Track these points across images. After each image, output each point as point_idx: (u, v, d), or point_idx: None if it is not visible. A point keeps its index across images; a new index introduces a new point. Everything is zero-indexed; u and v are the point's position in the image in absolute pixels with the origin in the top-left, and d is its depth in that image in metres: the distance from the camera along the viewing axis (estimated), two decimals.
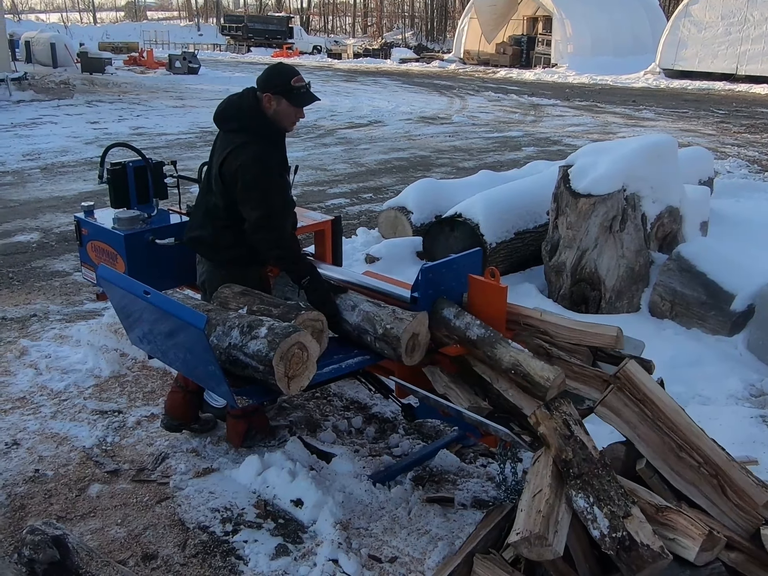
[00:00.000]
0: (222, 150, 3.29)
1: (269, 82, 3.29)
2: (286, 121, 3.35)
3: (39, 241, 7.17)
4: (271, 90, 3.26)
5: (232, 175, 3.20)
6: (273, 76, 3.31)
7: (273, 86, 3.27)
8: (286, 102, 3.28)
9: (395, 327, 2.98)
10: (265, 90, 3.28)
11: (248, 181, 3.18)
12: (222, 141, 3.36)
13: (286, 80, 3.27)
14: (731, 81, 26.80)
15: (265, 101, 3.28)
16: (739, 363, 4.47)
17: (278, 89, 3.26)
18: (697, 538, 2.16)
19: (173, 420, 3.65)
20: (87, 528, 3.03)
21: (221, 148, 3.32)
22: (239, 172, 3.18)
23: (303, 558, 2.87)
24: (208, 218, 3.41)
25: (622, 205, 4.96)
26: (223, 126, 3.38)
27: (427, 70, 35.40)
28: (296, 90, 3.28)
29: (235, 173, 3.19)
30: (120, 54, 34.66)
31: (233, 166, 3.20)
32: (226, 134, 3.35)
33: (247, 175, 3.18)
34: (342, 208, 8.75)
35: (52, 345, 4.72)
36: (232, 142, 3.25)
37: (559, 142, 13.85)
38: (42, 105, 17.74)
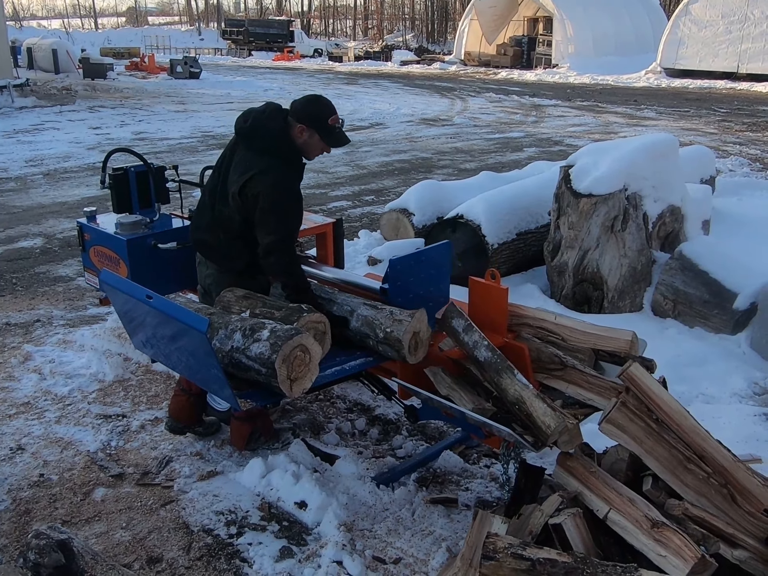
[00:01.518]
0: (244, 169, 3.24)
1: (307, 114, 3.27)
2: (312, 153, 3.36)
3: (42, 246, 7.19)
4: (306, 122, 3.25)
5: (255, 197, 3.18)
6: (312, 109, 3.30)
7: (310, 119, 3.26)
8: (319, 138, 3.29)
9: (395, 330, 2.99)
10: (300, 120, 3.26)
11: (268, 206, 3.16)
12: (243, 157, 3.29)
13: (324, 118, 3.27)
14: (732, 79, 26.78)
15: (297, 131, 3.26)
16: (743, 361, 4.47)
17: (314, 124, 3.26)
18: (688, 560, 2.15)
19: (177, 423, 3.66)
20: (92, 532, 3.04)
21: (243, 165, 3.26)
22: (261, 196, 3.17)
23: (307, 560, 2.87)
24: (219, 227, 3.38)
25: (624, 204, 4.96)
26: (248, 143, 3.31)
27: (428, 71, 35.42)
28: (331, 129, 3.30)
29: (257, 196, 3.17)
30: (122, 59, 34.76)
31: (256, 189, 3.17)
32: (249, 152, 3.28)
33: (268, 200, 3.16)
34: (344, 210, 8.76)
35: (56, 350, 4.73)
36: (256, 165, 3.21)
37: (561, 143, 13.85)
38: (44, 111, 17.79)
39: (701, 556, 2.16)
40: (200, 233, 3.51)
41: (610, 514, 2.40)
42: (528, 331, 3.20)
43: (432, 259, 3.36)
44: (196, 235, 3.54)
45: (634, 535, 2.31)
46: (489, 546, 2.25)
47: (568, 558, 2.18)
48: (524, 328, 3.22)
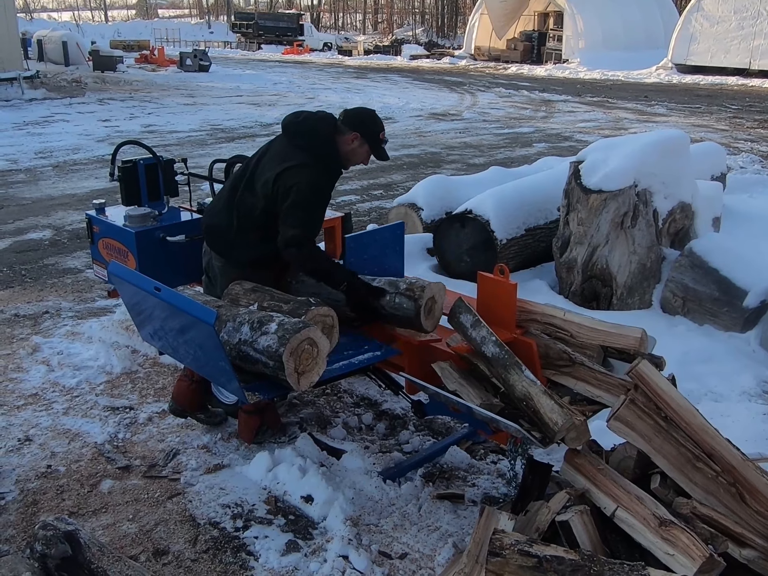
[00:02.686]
0: (283, 159, 3.30)
1: (363, 125, 3.40)
2: (354, 161, 3.48)
3: (51, 238, 7.21)
4: (361, 131, 3.37)
5: (287, 189, 3.23)
6: (369, 121, 3.43)
7: (365, 130, 3.38)
8: (368, 148, 3.42)
9: (418, 281, 3.17)
10: (355, 129, 3.37)
11: (298, 200, 3.22)
12: (284, 149, 3.37)
13: (378, 131, 3.42)
14: (744, 76, 26.61)
15: (350, 138, 3.37)
16: (752, 359, 4.44)
17: (368, 136, 3.39)
18: (696, 559, 2.14)
19: (177, 405, 3.68)
20: (99, 523, 3.05)
21: (282, 156, 3.33)
22: (294, 188, 3.22)
23: (313, 554, 2.88)
24: (237, 212, 3.40)
25: (634, 200, 4.93)
26: (293, 139, 3.39)
27: (437, 66, 35.33)
28: (381, 143, 3.45)
29: (290, 188, 3.22)
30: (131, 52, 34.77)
31: (292, 180, 3.23)
32: (291, 146, 3.36)
33: (301, 194, 3.22)
34: (352, 204, 8.75)
35: (64, 342, 4.74)
36: (294, 158, 3.29)
37: (571, 138, 13.79)
38: (54, 103, 17.83)
39: (709, 555, 2.15)
40: (213, 218, 3.52)
41: (618, 512, 2.39)
42: (536, 327, 3.19)
43: (386, 238, 3.53)
44: (208, 220, 3.55)
45: (642, 534, 2.30)
46: (495, 542, 2.24)
47: (575, 555, 2.17)
48: (533, 324, 3.21)
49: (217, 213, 3.50)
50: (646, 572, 2.09)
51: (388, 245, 3.70)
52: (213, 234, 3.51)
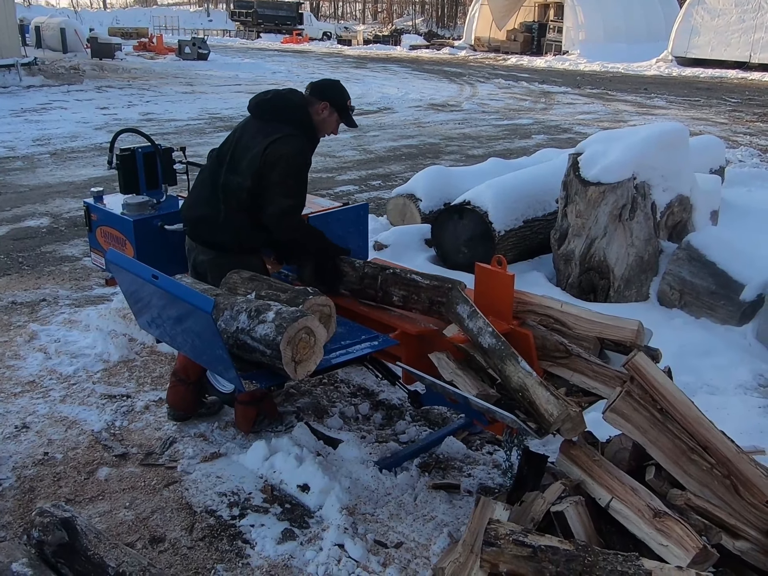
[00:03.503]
0: (267, 134, 3.35)
1: (331, 95, 3.51)
2: (325, 130, 3.58)
3: (49, 226, 7.19)
4: (329, 101, 3.47)
5: (275, 161, 3.29)
6: (335, 91, 3.55)
7: (333, 99, 3.50)
8: (337, 117, 3.53)
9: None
10: (323, 98, 3.47)
11: (291, 169, 3.34)
12: (263, 127, 3.41)
13: (345, 99, 3.54)
14: (744, 69, 26.57)
15: (320, 108, 3.47)
16: (748, 353, 4.45)
17: (337, 103, 3.50)
18: (690, 550, 2.16)
19: (178, 411, 3.68)
20: (95, 511, 3.05)
21: (264, 133, 3.37)
22: (283, 160, 3.30)
23: (309, 542, 2.89)
24: (223, 198, 3.42)
25: (632, 193, 4.93)
26: (268, 115, 3.45)
27: (437, 56, 35.23)
28: (349, 111, 3.57)
29: (278, 159, 3.30)
30: (130, 39, 34.64)
31: (280, 151, 3.30)
32: (270, 122, 3.41)
33: (289, 164, 3.33)
34: (351, 195, 8.74)
35: (61, 329, 4.74)
36: (279, 130, 3.35)
37: (570, 130, 13.77)
38: (52, 90, 17.76)
39: (703, 546, 2.16)
40: (196, 210, 3.53)
41: (612, 503, 2.40)
42: (533, 318, 3.19)
43: (350, 218, 3.68)
44: (191, 213, 3.56)
45: (636, 525, 2.31)
46: (491, 532, 2.25)
47: (569, 546, 2.19)
48: (530, 315, 3.21)
49: (200, 204, 3.51)
50: (639, 563, 2.11)
51: (352, 225, 3.91)
52: (199, 225, 3.52)
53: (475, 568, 2.31)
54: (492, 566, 2.23)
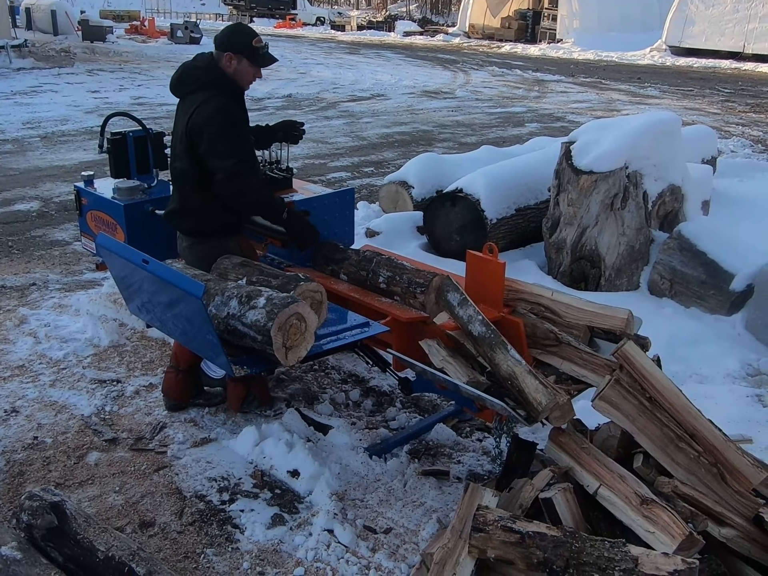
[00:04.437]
0: (187, 111, 3.30)
1: (230, 42, 3.34)
2: (244, 80, 3.42)
3: (39, 210, 7.15)
4: (232, 49, 3.32)
5: (200, 129, 3.23)
6: (234, 35, 3.37)
7: (234, 46, 3.33)
8: (247, 62, 3.36)
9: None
10: (226, 49, 3.32)
11: (216, 131, 3.22)
12: (184, 105, 3.38)
13: (248, 40, 3.34)
14: (738, 59, 26.54)
15: (226, 60, 3.32)
16: (737, 342, 4.48)
17: (239, 49, 3.32)
18: (676, 537, 2.18)
19: (170, 401, 3.67)
20: (85, 495, 3.06)
21: (185, 111, 3.33)
22: (206, 125, 3.22)
23: (299, 528, 2.90)
24: (176, 186, 3.45)
25: (624, 182, 4.94)
26: (183, 91, 3.40)
27: (431, 43, 35.04)
28: (257, 50, 3.35)
29: (202, 126, 3.22)
30: (121, 22, 34.24)
31: (200, 119, 3.23)
32: (187, 97, 3.36)
33: (214, 126, 3.22)
34: (343, 181, 8.72)
35: (51, 314, 4.72)
36: (195, 101, 3.28)
37: (563, 119, 13.76)
38: (42, 73, 17.59)
39: (689, 533, 2.18)
40: (168, 207, 3.55)
41: (600, 490, 2.42)
42: (524, 306, 3.20)
43: (336, 203, 3.66)
44: (166, 210, 3.57)
45: (623, 511, 2.33)
46: (479, 518, 2.27)
47: (557, 532, 2.20)
48: (521, 303, 3.22)
49: (171, 200, 3.55)
50: (626, 549, 2.12)
51: (338, 210, 3.89)
52: (171, 217, 3.52)
53: (464, 553, 2.32)
54: (480, 552, 2.24)
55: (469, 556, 2.29)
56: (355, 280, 3.62)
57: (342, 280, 3.66)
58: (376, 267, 3.52)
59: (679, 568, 2.03)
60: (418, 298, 3.30)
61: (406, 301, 3.36)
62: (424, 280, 3.31)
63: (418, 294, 3.30)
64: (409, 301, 3.35)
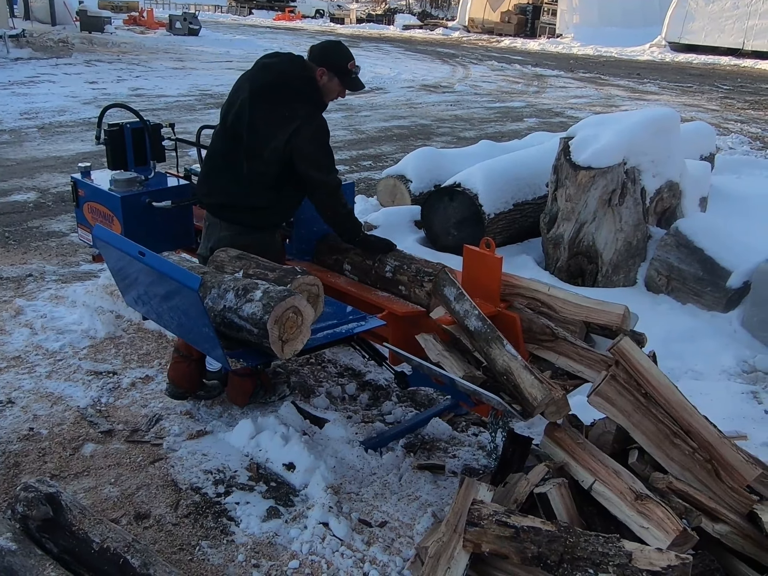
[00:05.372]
0: (284, 121, 3.24)
1: (328, 58, 3.36)
2: (330, 96, 3.44)
3: (36, 200, 7.13)
4: (327, 65, 3.33)
5: (301, 146, 3.24)
6: (333, 53, 3.40)
7: (331, 63, 3.35)
8: (338, 81, 3.38)
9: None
10: (321, 64, 3.34)
11: (320, 148, 3.33)
12: (275, 111, 3.28)
13: (345, 61, 3.37)
14: (737, 56, 26.55)
15: (318, 74, 3.34)
16: (733, 339, 4.49)
17: (335, 67, 3.35)
18: (670, 533, 2.18)
19: (178, 389, 3.64)
20: (80, 486, 3.06)
21: (279, 119, 3.25)
22: (310, 142, 3.26)
23: (294, 521, 2.90)
24: (248, 186, 3.36)
25: (622, 178, 4.94)
26: (276, 96, 3.30)
27: (430, 37, 35.00)
28: (350, 73, 3.39)
29: (304, 144, 3.25)
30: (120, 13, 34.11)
31: (304, 136, 3.24)
32: (279, 104, 3.28)
33: (318, 144, 3.32)
34: (341, 175, 8.62)
35: (47, 305, 4.72)
36: (296, 115, 3.25)
37: (562, 114, 13.75)
38: (40, 63, 17.52)
39: (683, 529, 2.19)
40: (217, 197, 3.44)
41: (595, 486, 2.42)
42: (521, 301, 3.20)
43: None
44: (212, 199, 3.48)
45: (618, 507, 2.34)
46: (474, 513, 2.27)
47: (551, 527, 2.21)
48: (517, 298, 3.22)
49: (219, 192, 3.42)
50: (620, 544, 2.13)
51: None
52: (223, 211, 3.45)
53: (458, 547, 2.33)
54: (475, 546, 2.25)
55: (464, 550, 2.29)
56: (359, 269, 3.63)
57: (345, 269, 3.67)
58: (383, 256, 3.56)
59: (672, 564, 2.04)
60: (425, 287, 3.31)
61: (410, 290, 3.35)
62: (433, 269, 3.33)
63: (426, 282, 3.30)
64: (414, 290, 3.35)
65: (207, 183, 3.53)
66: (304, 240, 3.88)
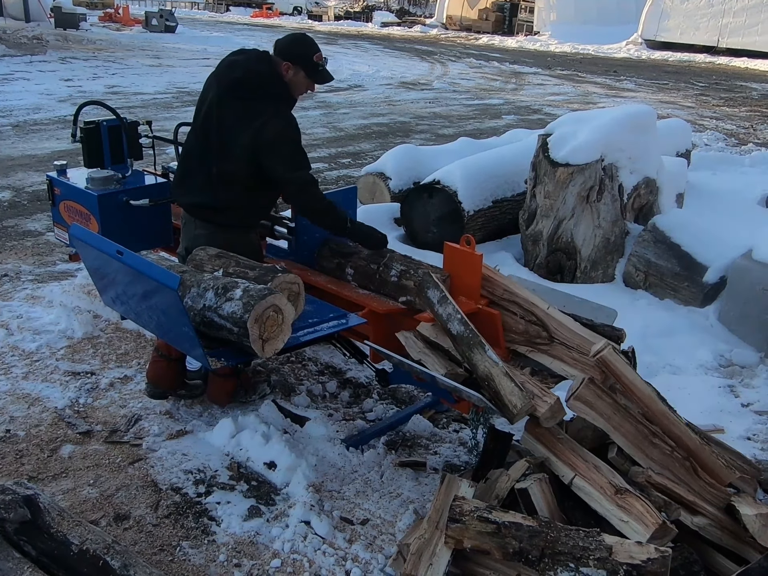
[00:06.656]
0: (250, 119, 3.22)
1: (292, 52, 3.31)
2: (297, 91, 3.41)
3: (10, 200, 7.04)
4: (292, 59, 3.29)
5: (271, 143, 3.20)
6: (297, 46, 3.34)
7: (295, 56, 3.30)
8: (304, 75, 3.34)
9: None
10: (286, 58, 3.29)
11: (289, 145, 3.26)
12: (242, 108, 3.26)
13: (310, 54, 3.32)
14: (712, 54, 26.80)
15: (283, 68, 3.29)
16: (710, 334, 4.54)
17: (300, 61, 3.30)
18: (650, 526, 2.21)
19: (157, 388, 3.61)
20: (59, 488, 3.03)
21: (246, 116, 3.24)
22: (279, 140, 3.21)
23: (275, 519, 2.90)
24: (220, 186, 3.33)
25: (600, 175, 4.97)
26: (242, 92, 3.27)
27: (408, 34, 34.98)
28: (317, 66, 3.34)
29: (274, 141, 3.20)
30: (95, 10, 33.74)
31: (271, 134, 3.19)
32: (247, 101, 3.26)
33: (288, 141, 3.25)
34: (320, 172, 8.68)
35: (24, 305, 4.66)
36: (263, 112, 3.22)
37: (540, 111, 13.81)
38: (14, 60, 17.27)
39: (662, 522, 2.21)
40: (192, 197, 3.42)
41: (575, 480, 2.44)
42: (516, 309, 3.14)
43: (338, 202, 3.53)
44: (187, 199, 3.45)
45: (598, 501, 2.36)
46: (455, 509, 2.28)
47: (532, 522, 2.22)
48: (513, 306, 3.16)
49: (195, 192, 3.40)
50: (600, 538, 2.15)
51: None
52: (199, 210, 3.43)
53: (440, 544, 2.33)
54: (457, 542, 2.26)
55: (446, 547, 2.30)
56: (362, 273, 3.55)
57: (347, 273, 3.61)
58: (389, 261, 3.48)
59: (652, 557, 2.06)
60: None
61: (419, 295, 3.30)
62: (442, 274, 3.26)
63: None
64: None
65: (182, 182, 3.52)
66: (306, 246, 3.79)
